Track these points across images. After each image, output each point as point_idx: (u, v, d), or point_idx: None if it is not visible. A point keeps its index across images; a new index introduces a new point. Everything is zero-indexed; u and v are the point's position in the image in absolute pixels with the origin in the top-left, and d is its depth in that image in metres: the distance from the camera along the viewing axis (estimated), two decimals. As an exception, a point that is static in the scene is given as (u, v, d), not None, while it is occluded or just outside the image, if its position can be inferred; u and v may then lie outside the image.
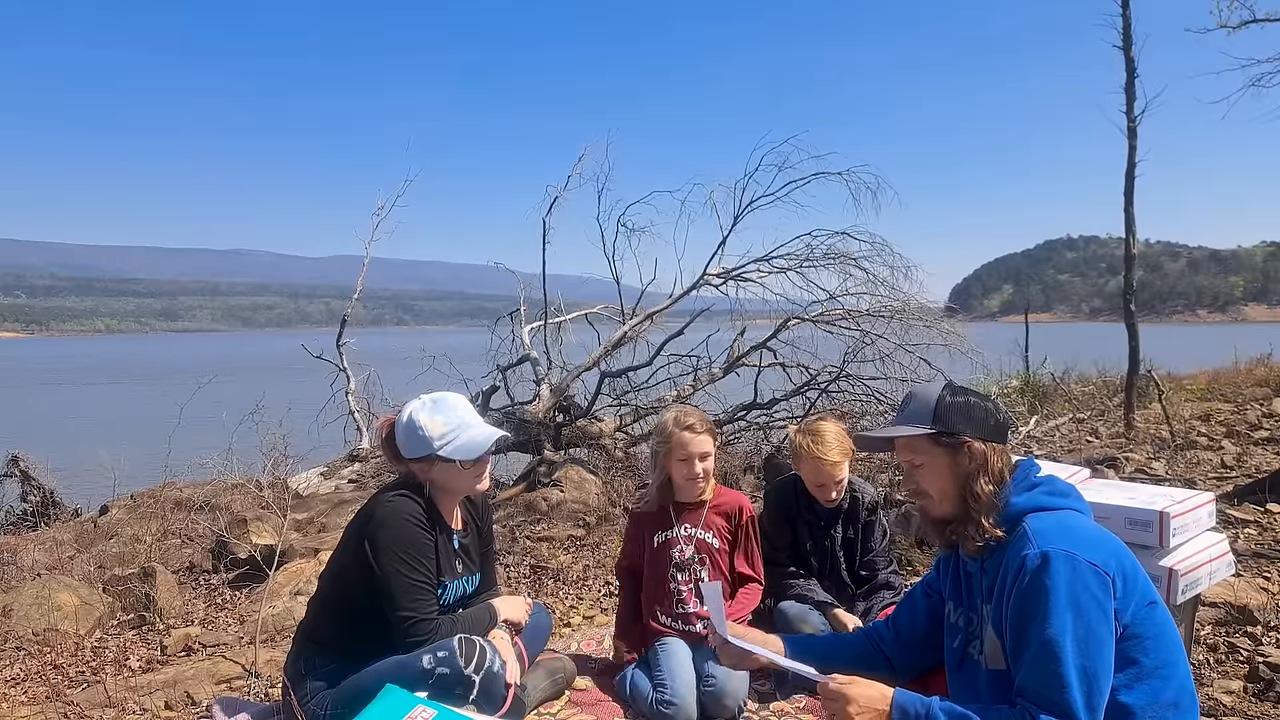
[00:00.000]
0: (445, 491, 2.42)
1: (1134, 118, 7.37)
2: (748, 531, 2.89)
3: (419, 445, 2.32)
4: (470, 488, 2.44)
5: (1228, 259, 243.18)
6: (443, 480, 2.38)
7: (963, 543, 1.72)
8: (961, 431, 1.70)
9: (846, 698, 1.59)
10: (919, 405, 1.76)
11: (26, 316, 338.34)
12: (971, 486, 1.68)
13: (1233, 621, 3.11)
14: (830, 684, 1.63)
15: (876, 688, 1.62)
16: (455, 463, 2.33)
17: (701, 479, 2.78)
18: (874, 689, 1.61)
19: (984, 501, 1.67)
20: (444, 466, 2.34)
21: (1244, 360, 11.00)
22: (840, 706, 1.59)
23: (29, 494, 6.86)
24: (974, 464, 1.69)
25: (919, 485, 1.76)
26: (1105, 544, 1.58)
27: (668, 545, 2.85)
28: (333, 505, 5.95)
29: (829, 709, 1.63)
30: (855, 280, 7.06)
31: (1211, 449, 6.28)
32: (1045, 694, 1.47)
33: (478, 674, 2.19)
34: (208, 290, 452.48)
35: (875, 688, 1.62)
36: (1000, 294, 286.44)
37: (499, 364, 8.00)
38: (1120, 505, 2.44)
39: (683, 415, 2.78)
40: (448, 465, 2.33)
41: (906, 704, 1.58)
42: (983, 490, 1.67)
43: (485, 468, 2.43)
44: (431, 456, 2.31)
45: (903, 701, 1.59)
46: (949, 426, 1.70)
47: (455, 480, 2.38)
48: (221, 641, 3.43)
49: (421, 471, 2.37)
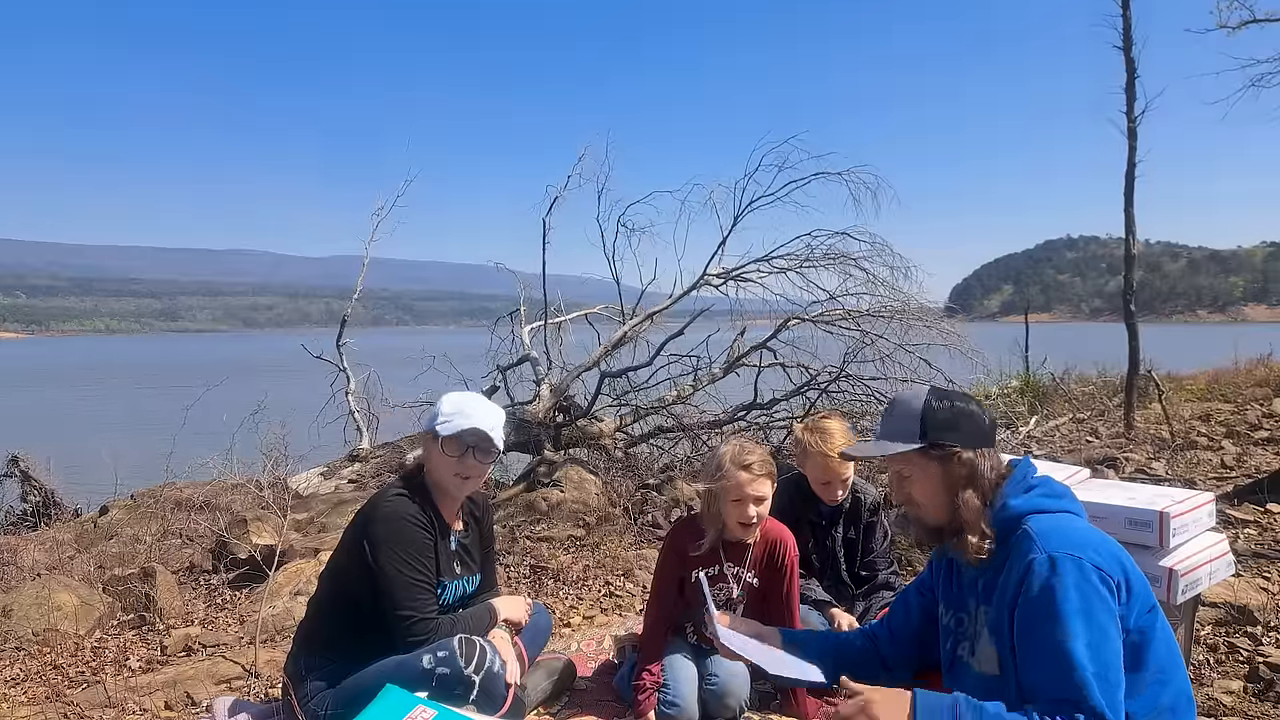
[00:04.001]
0: (440, 485, 2.42)
1: (1134, 118, 7.37)
2: (791, 571, 2.66)
3: (429, 419, 2.43)
4: (450, 484, 2.40)
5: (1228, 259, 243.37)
6: (433, 463, 2.41)
7: (957, 551, 1.71)
8: (950, 443, 1.69)
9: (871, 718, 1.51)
10: (905, 416, 1.73)
11: (26, 316, 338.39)
12: (962, 494, 1.68)
13: (1233, 621, 3.11)
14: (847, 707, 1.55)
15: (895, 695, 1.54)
16: (439, 444, 2.36)
17: (755, 523, 2.53)
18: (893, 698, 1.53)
19: (973, 511, 1.67)
20: (433, 445, 2.40)
21: (1244, 360, 10.98)
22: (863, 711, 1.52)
23: (29, 494, 6.86)
24: (964, 472, 1.68)
25: (910, 495, 1.75)
26: (1107, 548, 1.58)
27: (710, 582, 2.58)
28: (333, 505, 5.95)
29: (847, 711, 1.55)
30: (855, 280, 7.08)
31: (1211, 449, 6.28)
32: (1072, 699, 1.43)
33: (478, 674, 2.19)
34: (208, 290, 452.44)
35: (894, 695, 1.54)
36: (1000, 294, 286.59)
37: (499, 364, 8.00)
38: (1120, 505, 2.44)
39: (741, 453, 2.49)
40: (435, 444, 2.38)
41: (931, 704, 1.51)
42: (972, 501, 1.67)
43: (468, 468, 2.38)
44: (431, 431, 2.40)
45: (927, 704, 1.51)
46: (936, 438, 1.69)
47: (441, 465, 2.38)
48: (221, 641, 3.43)
49: (424, 447, 2.47)
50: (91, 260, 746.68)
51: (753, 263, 7.28)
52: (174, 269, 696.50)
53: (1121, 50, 7.39)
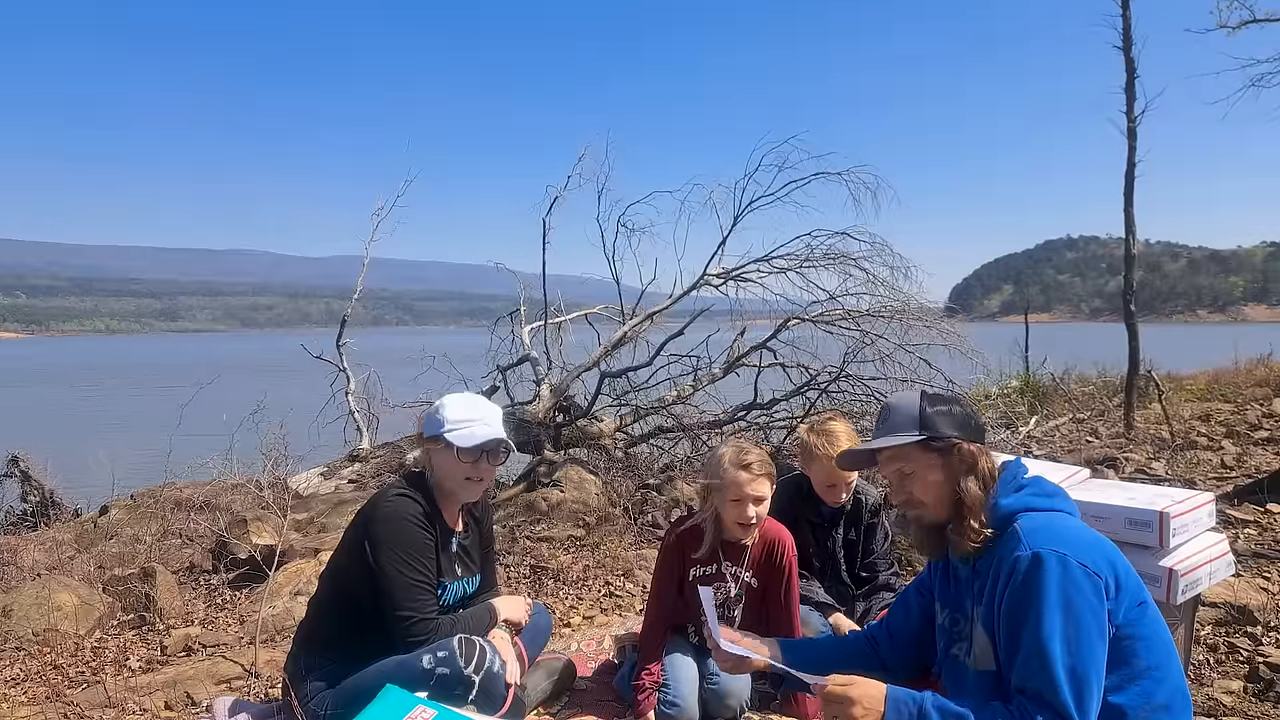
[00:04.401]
0: (444, 487, 2.43)
1: (1134, 118, 7.37)
2: (790, 570, 2.66)
3: (434, 425, 2.41)
4: (462, 486, 2.42)
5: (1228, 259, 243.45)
6: (441, 468, 2.41)
7: (957, 546, 1.72)
8: (950, 434, 1.71)
9: (849, 699, 1.59)
10: (902, 415, 1.76)
11: (26, 316, 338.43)
12: (964, 483, 1.69)
13: (1233, 621, 3.11)
14: (830, 686, 1.63)
15: (874, 685, 1.62)
16: (454, 451, 2.35)
17: (754, 523, 2.54)
18: (874, 687, 1.61)
19: (975, 501, 1.68)
20: (444, 452, 2.38)
21: (1244, 360, 10.99)
22: (843, 709, 1.59)
23: (29, 494, 6.85)
24: (964, 465, 1.70)
25: (911, 494, 1.76)
26: (1096, 546, 1.59)
27: (708, 580, 2.64)
28: (333, 505, 5.95)
29: (830, 711, 1.63)
30: (855, 280, 7.07)
31: (1211, 449, 6.28)
32: (1039, 693, 1.48)
33: (478, 674, 2.20)
34: (208, 290, 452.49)
35: (873, 686, 1.61)
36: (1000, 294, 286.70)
37: (499, 364, 8.00)
38: (1120, 505, 2.44)
39: (740, 453, 2.50)
40: (447, 451, 2.37)
41: (900, 698, 1.58)
42: (973, 490, 1.69)
43: (481, 471, 2.41)
44: (439, 437, 2.38)
45: (896, 696, 1.59)
46: (937, 431, 1.71)
47: (451, 469, 2.39)
48: (221, 641, 3.43)
49: (427, 453, 2.45)
50: (91, 260, 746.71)
51: (753, 263, 7.28)
52: (174, 269, 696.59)
53: (1121, 50, 7.40)
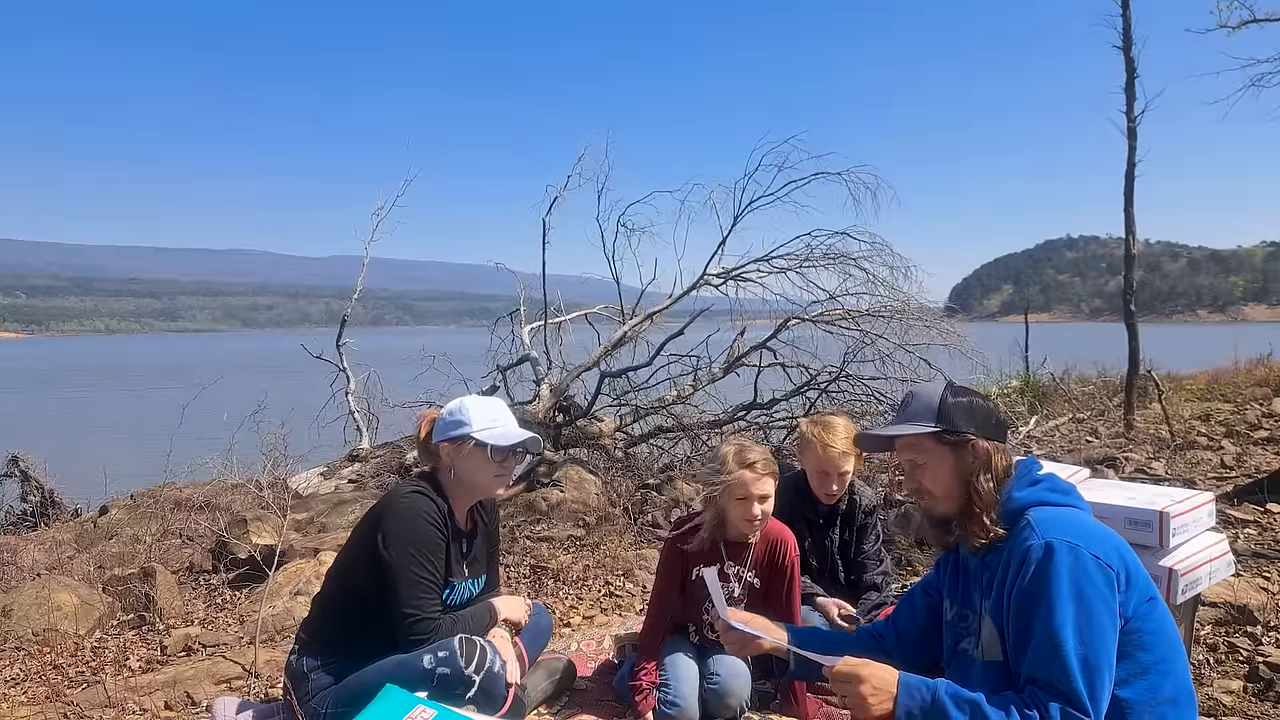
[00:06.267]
0: (464, 486, 2.42)
1: (1134, 118, 7.37)
2: (793, 570, 2.66)
3: (456, 427, 2.37)
4: (489, 485, 2.44)
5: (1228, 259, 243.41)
6: (466, 470, 2.39)
7: (965, 540, 1.73)
8: (965, 430, 1.71)
9: (859, 678, 1.60)
10: (921, 405, 1.77)
11: (26, 316, 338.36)
12: (975, 483, 1.69)
13: (1233, 621, 3.11)
14: (841, 665, 1.63)
15: (886, 669, 1.62)
16: (486, 450, 2.34)
17: (759, 521, 2.55)
18: (884, 670, 1.62)
19: (986, 498, 1.68)
20: (472, 453, 2.36)
21: (1244, 360, 10.99)
22: (852, 687, 1.60)
23: (29, 494, 6.86)
24: (978, 461, 1.70)
25: (921, 484, 1.77)
26: (1108, 539, 1.60)
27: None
28: (333, 505, 5.95)
29: (840, 690, 1.63)
30: (855, 280, 7.07)
31: (1211, 449, 6.28)
32: (1051, 682, 1.48)
33: (478, 674, 2.20)
34: (208, 290, 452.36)
35: (885, 669, 1.62)
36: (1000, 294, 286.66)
37: (499, 364, 8.00)
38: (1120, 505, 2.44)
39: (744, 451, 2.52)
40: (476, 452, 2.35)
41: (912, 684, 1.59)
42: (985, 487, 1.69)
43: (509, 469, 2.45)
44: (465, 438, 2.35)
45: (908, 681, 1.59)
46: (953, 425, 1.71)
47: (479, 470, 2.38)
48: (221, 641, 3.43)
49: (447, 455, 2.39)
50: (91, 260, 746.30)
51: (752, 263, 7.27)
52: (174, 269, 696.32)
53: (1121, 50, 7.40)
